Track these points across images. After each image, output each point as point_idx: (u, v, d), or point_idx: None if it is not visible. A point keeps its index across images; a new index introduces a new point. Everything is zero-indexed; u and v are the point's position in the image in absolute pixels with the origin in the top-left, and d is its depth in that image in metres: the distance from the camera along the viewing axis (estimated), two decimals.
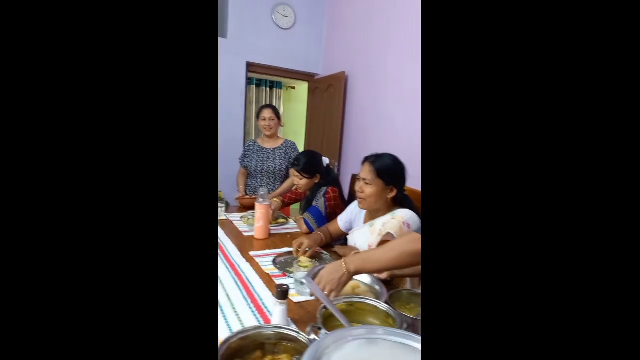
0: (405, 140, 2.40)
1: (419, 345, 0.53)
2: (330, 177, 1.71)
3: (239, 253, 1.25)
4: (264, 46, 3.27)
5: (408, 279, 1.11)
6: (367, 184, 1.19)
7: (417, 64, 2.29)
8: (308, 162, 1.65)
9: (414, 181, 1.28)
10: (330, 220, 1.56)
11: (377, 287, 0.91)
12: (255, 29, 3.21)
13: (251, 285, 0.99)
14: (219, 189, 2.03)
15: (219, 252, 1.25)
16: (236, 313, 0.83)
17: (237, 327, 0.77)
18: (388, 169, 1.18)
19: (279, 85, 4.82)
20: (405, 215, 1.17)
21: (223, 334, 0.74)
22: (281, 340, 0.61)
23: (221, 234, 1.47)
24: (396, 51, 2.49)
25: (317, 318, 0.68)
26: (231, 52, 3.13)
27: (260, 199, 1.41)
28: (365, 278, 0.96)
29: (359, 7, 2.95)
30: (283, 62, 3.39)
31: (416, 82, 2.30)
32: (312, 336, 0.60)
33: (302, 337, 0.59)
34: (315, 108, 3.55)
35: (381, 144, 2.65)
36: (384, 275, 0.99)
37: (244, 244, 1.36)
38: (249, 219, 1.62)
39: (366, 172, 1.20)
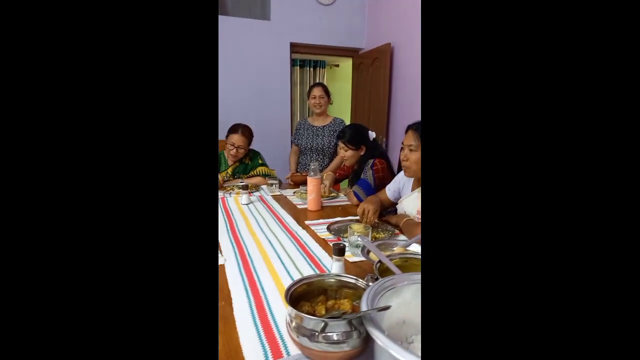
0: None
1: None
2: (377, 151, 1.73)
3: (295, 222, 1.34)
4: (307, 25, 3.28)
5: None
6: (411, 150, 1.21)
7: None
8: (353, 134, 1.70)
9: None
10: (379, 191, 1.59)
11: None
12: (297, 8, 3.23)
13: (309, 247, 1.08)
14: (272, 168, 2.15)
15: (278, 221, 1.36)
16: (298, 269, 0.92)
17: None
18: None
19: (322, 65, 4.83)
20: None
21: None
22: (341, 287, 0.67)
23: (277, 207, 1.57)
24: None
25: (374, 270, 0.74)
26: (275, 34, 3.20)
27: (312, 173, 1.48)
28: (418, 248, 1.00)
29: None
30: (326, 39, 3.39)
31: None
32: (370, 284, 0.65)
33: (361, 283, 0.65)
34: (360, 84, 3.52)
35: None
36: None
37: (299, 215, 1.45)
38: (302, 193, 1.71)
39: (410, 139, 1.21)
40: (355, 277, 0.66)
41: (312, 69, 4.79)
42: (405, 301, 0.57)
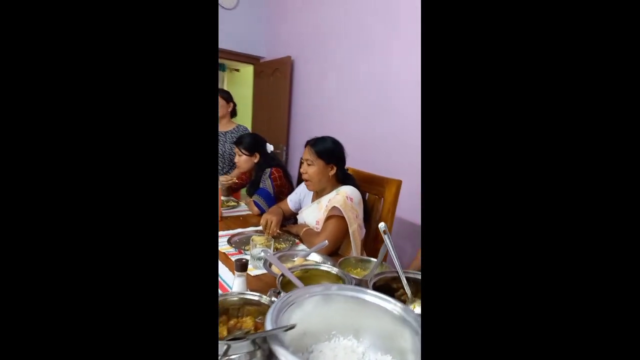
0: (351, 125, 2.52)
1: (369, 297, 0.62)
2: (273, 161, 1.76)
3: None
4: None
5: (353, 247, 1.24)
6: (309, 164, 1.30)
7: (363, 48, 2.40)
8: (250, 141, 1.72)
9: (355, 163, 1.40)
10: (279, 199, 1.62)
11: (328, 262, 1.00)
12: None
13: None
14: None
15: None
16: None
17: None
18: (327, 150, 1.30)
19: (222, 68, 4.66)
20: (347, 191, 1.28)
21: None
22: (244, 305, 0.67)
23: None
24: (342, 36, 2.57)
25: (277, 284, 0.75)
26: None
27: None
28: (316, 257, 1.06)
29: None
30: (226, 43, 3.29)
31: (362, 67, 2.41)
32: (273, 299, 0.66)
33: (264, 299, 0.65)
34: (261, 92, 3.52)
35: (328, 128, 2.74)
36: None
37: None
38: None
39: (307, 154, 1.30)
40: (258, 294, 0.66)
41: None
42: (306, 314, 0.60)
